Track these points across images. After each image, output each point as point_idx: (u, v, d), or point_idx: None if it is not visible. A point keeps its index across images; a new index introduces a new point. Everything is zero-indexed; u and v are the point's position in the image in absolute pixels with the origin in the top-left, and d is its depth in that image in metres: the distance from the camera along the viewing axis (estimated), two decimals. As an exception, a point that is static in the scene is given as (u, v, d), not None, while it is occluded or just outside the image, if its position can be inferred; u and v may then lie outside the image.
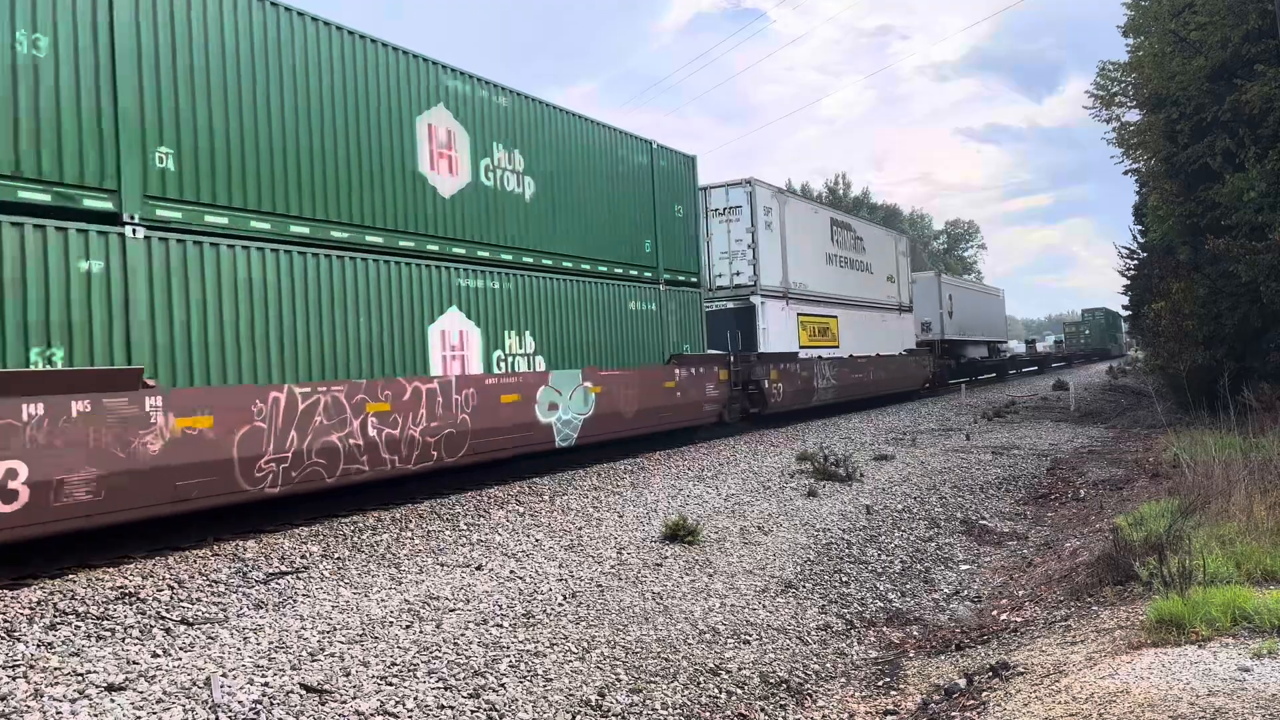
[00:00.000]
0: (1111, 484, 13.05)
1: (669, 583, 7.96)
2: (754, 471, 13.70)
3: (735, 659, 6.55)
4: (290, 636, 6.07)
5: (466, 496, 11.30)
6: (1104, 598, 6.98)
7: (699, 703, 5.82)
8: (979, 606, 8.22)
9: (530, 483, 12.41)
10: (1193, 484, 9.21)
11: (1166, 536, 6.88)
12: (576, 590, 7.50)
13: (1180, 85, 17.92)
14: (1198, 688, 4.54)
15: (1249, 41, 16.66)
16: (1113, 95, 22.74)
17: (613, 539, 9.23)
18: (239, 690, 5.15)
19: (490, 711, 5.26)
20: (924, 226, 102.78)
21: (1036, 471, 14.93)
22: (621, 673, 6.04)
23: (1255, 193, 16.03)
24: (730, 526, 10.04)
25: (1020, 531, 11.09)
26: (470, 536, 9.18)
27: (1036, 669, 5.62)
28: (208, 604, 6.75)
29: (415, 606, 6.84)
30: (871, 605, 8.27)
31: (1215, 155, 17.22)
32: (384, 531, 9.26)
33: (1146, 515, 8.64)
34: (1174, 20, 18.11)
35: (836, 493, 12.22)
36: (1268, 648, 4.94)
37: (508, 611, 6.86)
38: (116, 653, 5.65)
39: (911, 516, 11.43)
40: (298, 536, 8.97)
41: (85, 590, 6.93)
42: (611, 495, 11.54)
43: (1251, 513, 7.55)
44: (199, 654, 5.70)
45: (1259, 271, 15.94)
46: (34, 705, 4.82)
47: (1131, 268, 32.20)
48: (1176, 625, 5.41)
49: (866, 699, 6.07)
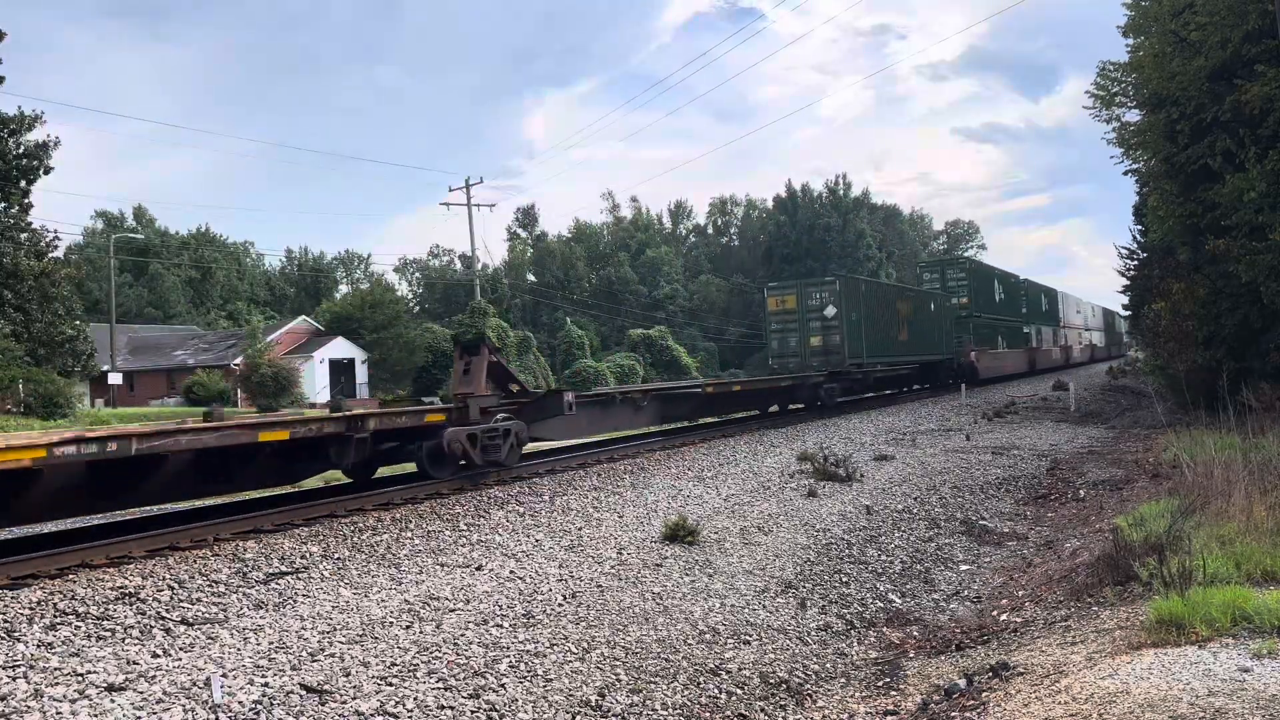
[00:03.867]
0: (1111, 484, 13.06)
1: (669, 583, 7.96)
2: (754, 471, 13.70)
3: (735, 659, 6.56)
4: (290, 637, 6.07)
5: (466, 496, 11.31)
6: (1104, 598, 6.98)
7: (699, 703, 5.83)
8: (979, 607, 8.22)
9: (530, 483, 12.42)
10: (1193, 484, 9.20)
11: (1166, 537, 6.88)
12: (576, 590, 7.50)
13: (1180, 85, 17.90)
14: (1198, 688, 4.54)
15: (1249, 41, 16.65)
16: (1113, 95, 22.72)
17: (613, 539, 9.23)
18: (239, 690, 5.16)
19: (490, 712, 5.26)
20: (924, 227, 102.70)
21: (1036, 472, 14.93)
22: (621, 673, 6.04)
23: (1255, 193, 16.02)
24: (730, 527, 10.04)
25: (1020, 532, 11.09)
26: (470, 536, 9.18)
27: (1036, 669, 5.63)
28: (208, 604, 6.75)
29: (415, 607, 6.84)
30: (871, 605, 8.27)
31: (1215, 155, 17.21)
32: (384, 531, 9.27)
33: (1146, 515, 8.64)
34: (1174, 20, 18.10)
35: (837, 493, 12.22)
36: (1268, 648, 4.94)
37: (508, 612, 6.86)
38: (116, 653, 5.66)
39: (912, 517, 11.43)
40: (298, 536, 8.97)
41: (85, 590, 6.93)
42: (611, 495, 11.54)
43: (1251, 513, 7.55)
44: (199, 654, 5.70)
45: (1259, 272, 15.93)
46: (34, 705, 4.82)
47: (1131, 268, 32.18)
48: (1176, 625, 5.41)
49: (866, 699, 6.08)
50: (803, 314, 25.88)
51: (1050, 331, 50.72)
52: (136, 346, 60.48)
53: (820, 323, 25.47)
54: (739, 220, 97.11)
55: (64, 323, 33.93)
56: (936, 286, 37.28)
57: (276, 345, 54.85)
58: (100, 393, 49.01)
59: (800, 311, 25.93)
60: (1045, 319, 49.93)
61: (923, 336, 31.54)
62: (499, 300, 68.76)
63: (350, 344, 59.16)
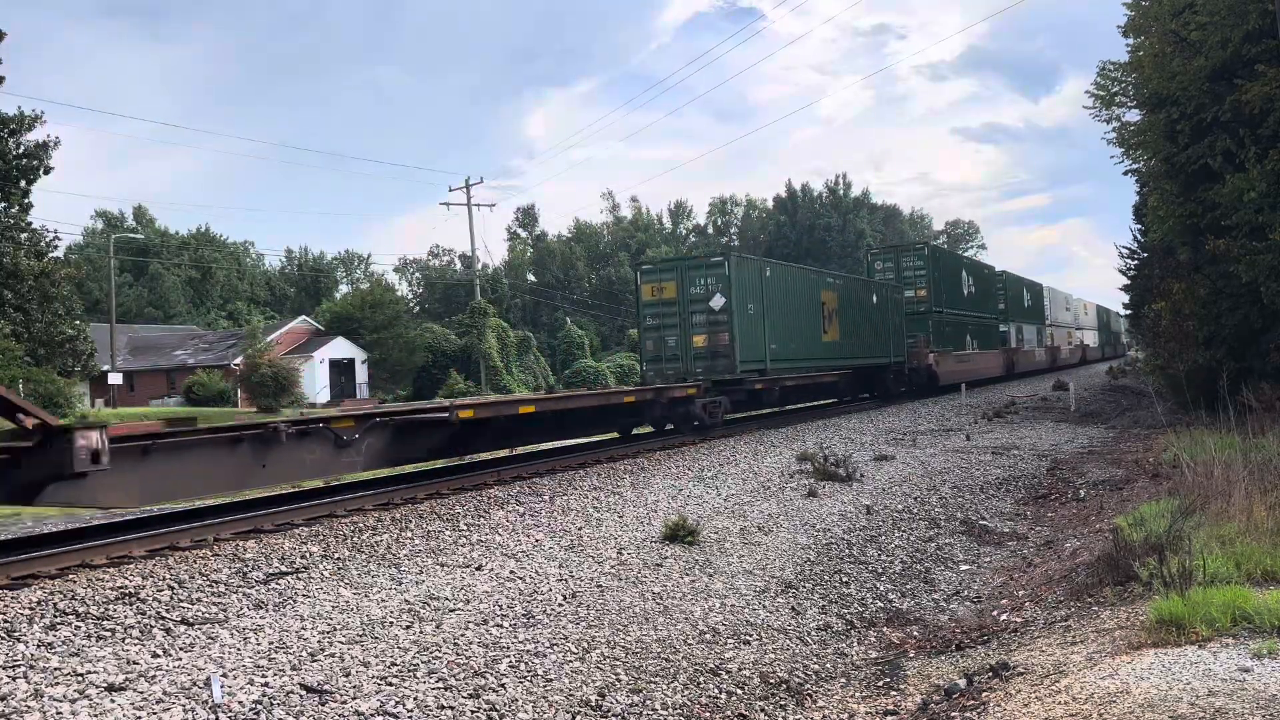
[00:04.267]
0: (1111, 484, 13.06)
1: (669, 583, 7.96)
2: (754, 471, 13.70)
3: (735, 659, 6.56)
4: (290, 637, 6.07)
5: (466, 496, 11.31)
6: (1104, 598, 6.98)
7: (699, 703, 5.83)
8: (979, 607, 8.22)
9: (530, 483, 12.42)
10: (1193, 484, 9.20)
11: (1166, 537, 6.88)
12: (576, 590, 7.50)
13: (1180, 85, 17.90)
14: (1198, 688, 4.54)
15: (1249, 41, 16.65)
16: (1113, 95, 22.73)
17: (613, 539, 9.23)
18: (239, 690, 5.16)
19: (490, 712, 5.26)
20: (924, 227, 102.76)
21: (1036, 472, 14.93)
22: (621, 673, 6.04)
23: (1255, 193, 16.02)
24: (730, 527, 10.04)
25: (1020, 532, 11.10)
26: (470, 537, 9.18)
27: (1036, 669, 5.63)
28: (208, 604, 6.75)
29: (415, 607, 6.84)
30: (872, 605, 8.27)
31: (1215, 155, 17.21)
32: (384, 531, 9.27)
33: (1146, 515, 8.64)
34: (1174, 20, 18.10)
35: (837, 493, 12.22)
36: (1268, 648, 4.94)
37: (508, 612, 6.86)
38: (116, 653, 5.66)
39: (912, 517, 11.43)
40: (298, 536, 8.97)
41: (85, 590, 6.93)
42: (611, 495, 11.54)
43: (1251, 513, 7.55)
44: (199, 654, 5.70)
45: (1259, 272, 15.93)
46: (34, 705, 4.82)
47: (1132, 268, 32.17)
48: (1177, 625, 5.41)
49: (867, 699, 6.08)
50: (684, 305, 19.62)
51: (1034, 330, 46.53)
52: (136, 346, 60.48)
53: (706, 316, 19.39)
54: (739, 220, 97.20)
55: (64, 323, 33.94)
56: (890, 277, 31.69)
57: (276, 345, 54.85)
58: (100, 393, 49.02)
59: (682, 302, 19.64)
60: (1028, 316, 45.63)
61: (859, 335, 25.73)
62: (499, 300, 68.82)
63: (350, 344, 59.14)
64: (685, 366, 19.40)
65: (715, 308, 19.26)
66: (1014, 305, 43.07)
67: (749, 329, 19.68)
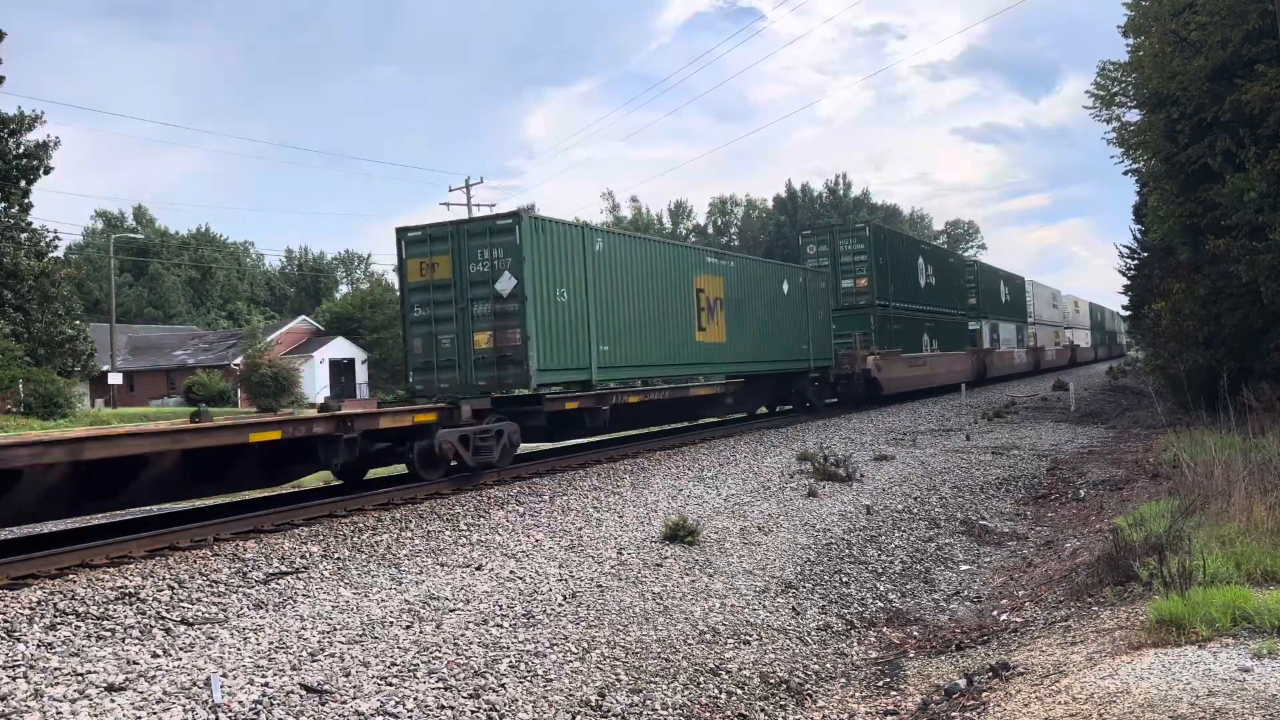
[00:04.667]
0: (1111, 484, 13.06)
1: (669, 583, 7.96)
2: (754, 471, 13.70)
3: (735, 659, 6.56)
4: (290, 636, 6.07)
5: (466, 496, 11.31)
6: (1104, 598, 6.98)
7: (699, 703, 5.83)
8: (979, 607, 8.22)
9: (530, 483, 12.42)
10: (1193, 484, 9.20)
11: (1166, 537, 6.88)
12: (576, 590, 7.50)
13: (1180, 85, 17.90)
14: (1198, 688, 4.54)
15: (1249, 41, 16.65)
16: (1113, 95, 22.73)
17: (613, 539, 9.23)
18: (239, 690, 5.16)
19: (490, 711, 5.26)
20: (924, 227, 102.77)
21: (1036, 472, 14.94)
22: (621, 673, 6.04)
23: (1255, 193, 16.02)
24: (730, 527, 10.04)
25: (1020, 532, 11.10)
26: (470, 537, 9.18)
27: (1036, 669, 5.63)
28: (208, 604, 6.75)
29: (415, 607, 6.84)
30: (872, 605, 8.27)
31: (1215, 155, 17.21)
32: (384, 532, 9.27)
33: (1146, 515, 8.64)
34: (1174, 20, 18.09)
35: (837, 493, 12.23)
36: (1268, 648, 4.94)
37: (508, 612, 6.86)
38: (116, 653, 5.66)
39: (912, 517, 11.44)
40: (298, 536, 8.97)
41: (85, 590, 6.93)
42: (611, 495, 11.54)
43: (1251, 513, 7.55)
44: (199, 654, 5.70)
45: (1259, 272, 15.93)
46: (34, 705, 4.82)
47: (1132, 268, 32.16)
48: (1177, 625, 5.41)
49: (867, 699, 6.08)
50: (462, 289, 13.51)
51: (1012, 329, 41.45)
52: (136, 346, 60.46)
53: (492, 305, 13.39)
54: (739, 220, 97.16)
55: (64, 323, 33.98)
56: (825, 264, 26.24)
57: (276, 345, 54.85)
58: (100, 393, 49.02)
59: (459, 285, 13.53)
60: (1005, 313, 40.62)
61: (758, 334, 20.05)
62: (499, 300, 68.54)
63: (350, 344, 59.16)
64: (463, 377, 13.49)
65: (502, 292, 13.24)
66: (988, 300, 38.11)
67: (558, 323, 13.81)
